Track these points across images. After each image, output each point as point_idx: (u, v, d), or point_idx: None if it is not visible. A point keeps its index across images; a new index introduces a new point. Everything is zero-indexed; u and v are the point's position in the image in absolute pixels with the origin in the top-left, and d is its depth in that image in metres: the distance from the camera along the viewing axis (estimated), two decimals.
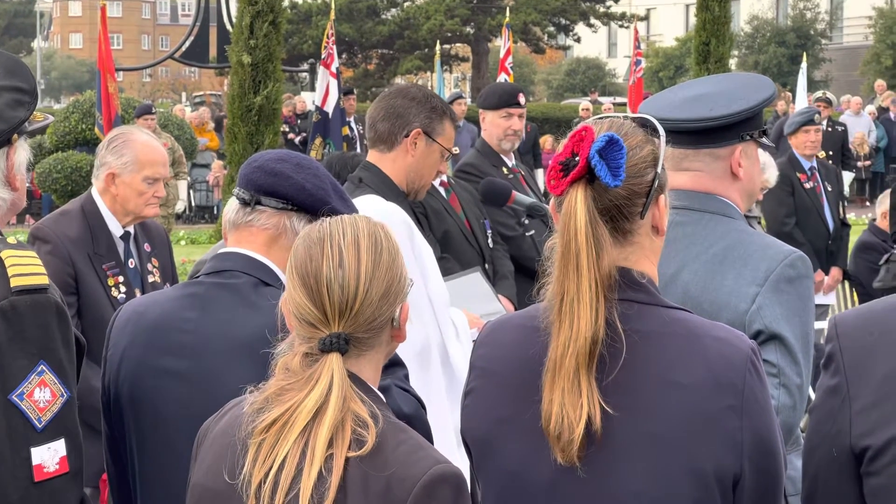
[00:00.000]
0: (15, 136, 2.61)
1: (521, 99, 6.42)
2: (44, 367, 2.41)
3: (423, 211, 5.57)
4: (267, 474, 2.04)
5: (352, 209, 2.78)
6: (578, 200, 2.12)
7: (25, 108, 2.61)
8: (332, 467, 2.02)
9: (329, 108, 16.29)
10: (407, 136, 4.10)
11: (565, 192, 2.14)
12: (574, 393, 2.09)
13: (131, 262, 4.55)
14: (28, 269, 2.43)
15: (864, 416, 2.05)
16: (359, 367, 2.14)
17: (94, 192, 4.54)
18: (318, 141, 16.32)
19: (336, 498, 2.00)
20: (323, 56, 16.38)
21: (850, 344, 2.10)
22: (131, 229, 4.58)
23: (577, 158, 2.13)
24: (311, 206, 2.77)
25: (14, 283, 2.40)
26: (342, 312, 2.10)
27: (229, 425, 2.18)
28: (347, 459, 2.02)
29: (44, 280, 2.45)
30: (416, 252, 3.91)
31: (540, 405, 2.13)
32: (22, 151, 2.66)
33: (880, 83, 27.39)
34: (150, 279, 4.59)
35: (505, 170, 6.32)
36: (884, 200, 9.03)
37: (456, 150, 4.93)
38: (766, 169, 7.34)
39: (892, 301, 2.13)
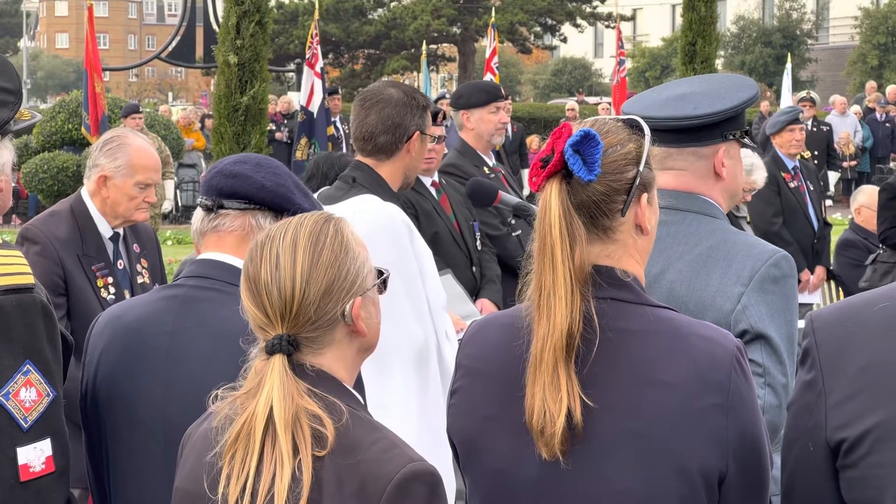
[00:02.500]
0: None
1: (503, 90, 6.59)
2: (30, 367, 2.41)
3: (414, 212, 5.57)
4: (244, 488, 2.05)
5: (315, 205, 2.80)
6: (553, 194, 2.13)
7: (9, 109, 2.60)
8: (303, 467, 2.02)
9: (314, 107, 16.26)
10: (408, 140, 4.15)
11: (542, 186, 2.15)
12: (554, 387, 2.09)
13: (120, 263, 4.53)
14: (13, 268, 2.43)
15: (840, 409, 2.03)
16: (327, 364, 2.14)
17: (84, 192, 4.52)
18: (303, 141, 16.28)
19: (311, 498, 2.01)
20: (307, 56, 16.34)
21: (825, 338, 2.08)
22: (120, 230, 4.57)
23: (555, 153, 2.14)
24: (273, 203, 2.78)
25: None
26: (283, 315, 2.10)
27: (210, 429, 2.18)
28: (321, 459, 2.03)
29: (29, 279, 2.45)
30: (416, 253, 3.92)
31: (524, 402, 2.13)
32: (6, 151, 2.65)
33: (871, 84, 27.33)
34: (140, 280, 4.58)
35: (486, 169, 6.34)
36: (857, 197, 9.09)
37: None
38: (754, 171, 7.32)
39: (868, 296, 2.12)
